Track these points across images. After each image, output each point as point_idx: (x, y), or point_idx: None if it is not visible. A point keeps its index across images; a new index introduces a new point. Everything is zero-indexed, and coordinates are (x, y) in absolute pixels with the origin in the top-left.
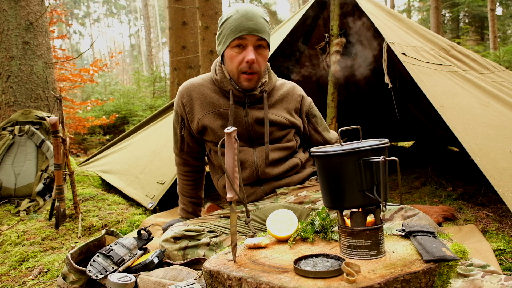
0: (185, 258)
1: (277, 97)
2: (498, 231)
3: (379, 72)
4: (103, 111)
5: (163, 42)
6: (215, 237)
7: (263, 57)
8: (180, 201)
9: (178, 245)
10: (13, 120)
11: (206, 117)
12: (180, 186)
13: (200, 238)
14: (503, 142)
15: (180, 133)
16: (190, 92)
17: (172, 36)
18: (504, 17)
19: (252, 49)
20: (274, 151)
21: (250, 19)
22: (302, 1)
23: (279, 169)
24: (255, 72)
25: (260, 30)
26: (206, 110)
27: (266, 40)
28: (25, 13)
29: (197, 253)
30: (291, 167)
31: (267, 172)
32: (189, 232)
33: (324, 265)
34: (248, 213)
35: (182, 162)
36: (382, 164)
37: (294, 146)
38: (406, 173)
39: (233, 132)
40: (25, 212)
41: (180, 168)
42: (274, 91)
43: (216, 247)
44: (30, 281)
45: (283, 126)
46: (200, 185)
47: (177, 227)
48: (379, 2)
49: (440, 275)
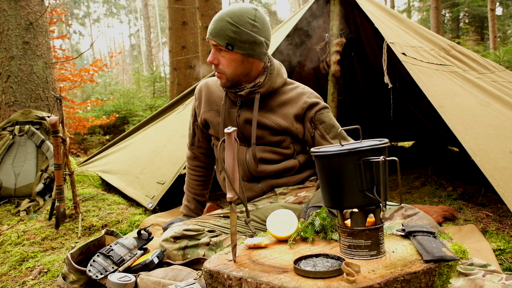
0: (185, 257)
1: (278, 102)
2: (498, 231)
3: (379, 72)
4: (103, 111)
5: (163, 42)
6: (215, 236)
7: (227, 60)
8: (184, 199)
9: (178, 245)
10: (13, 120)
11: (208, 112)
12: (187, 182)
13: (200, 237)
14: (503, 142)
15: (192, 127)
16: (201, 89)
17: (172, 36)
18: (504, 17)
19: (213, 51)
20: (266, 152)
21: (213, 22)
22: (302, 1)
23: (272, 167)
24: (221, 73)
25: (215, 34)
26: (209, 107)
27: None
28: (25, 13)
29: (197, 252)
30: (288, 168)
31: (259, 170)
32: (189, 231)
33: (324, 265)
34: (248, 213)
35: (193, 156)
36: (382, 164)
37: (290, 154)
38: (406, 173)
39: (233, 132)
40: (25, 212)
41: (190, 162)
42: (278, 94)
43: (216, 247)
44: (30, 281)
45: (275, 131)
46: (207, 184)
47: (177, 226)
48: (379, 2)
49: (440, 275)
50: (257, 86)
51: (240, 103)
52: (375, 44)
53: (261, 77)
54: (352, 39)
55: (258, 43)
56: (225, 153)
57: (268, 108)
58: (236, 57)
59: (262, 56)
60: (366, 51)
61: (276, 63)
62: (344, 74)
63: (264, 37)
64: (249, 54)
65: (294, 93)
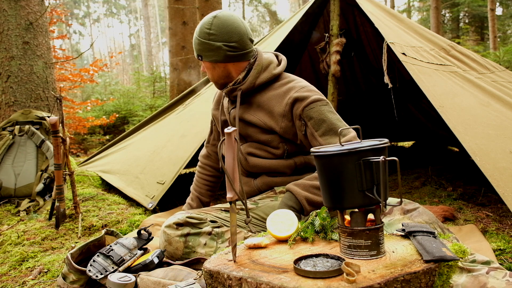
0: (186, 244)
1: (266, 98)
2: (498, 231)
3: (379, 72)
4: (103, 111)
5: (163, 42)
6: (217, 227)
7: (207, 67)
8: (189, 197)
9: (180, 232)
10: (13, 120)
11: (215, 110)
12: (194, 180)
13: (202, 226)
14: (503, 142)
15: (211, 125)
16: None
17: (172, 36)
18: (504, 17)
19: None
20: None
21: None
22: (302, 1)
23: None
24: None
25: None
26: (216, 105)
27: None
28: (25, 13)
29: (198, 240)
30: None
31: (251, 164)
32: (192, 219)
33: (324, 265)
34: (248, 213)
35: (206, 155)
36: (382, 164)
37: (280, 154)
38: (406, 173)
39: (233, 132)
40: (25, 212)
41: (202, 160)
42: (267, 90)
43: (217, 237)
44: (30, 281)
45: (261, 129)
46: (213, 186)
47: (180, 214)
48: (379, 2)
49: (440, 275)
50: (237, 84)
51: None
52: (375, 44)
53: (241, 74)
54: (352, 39)
55: (217, 48)
56: (225, 152)
57: (256, 105)
58: (207, 65)
59: (233, 58)
60: (366, 51)
61: (263, 59)
62: (344, 74)
63: (222, 41)
64: (216, 60)
65: (283, 88)
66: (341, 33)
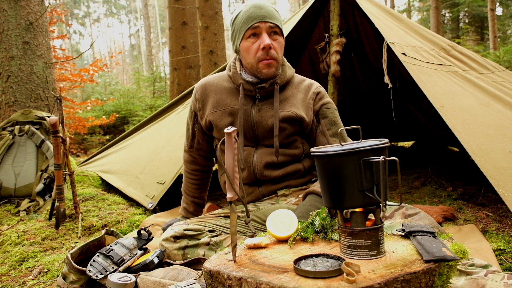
0: (185, 257)
1: (290, 93)
2: (498, 231)
3: (379, 72)
4: (103, 111)
5: (163, 42)
6: (215, 236)
7: (279, 43)
8: (183, 200)
9: (178, 245)
10: (13, 120)
11: (214, 114)
12: (184, 184)
13: (200, 237)
14: (503, 142)
15: (192, 129)
16: (205, 89)
17: (172, 36)
18: (504, 17)
19: (266, 35)
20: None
21: (259, 8)
22: (302, 1)
23: (278, 172)
24: (273, 58)
25: (271, 17)
26: (216, 108)
27: (279, 26)
28: (25, 13)
29: (197, 252)
30: (292, 172)
31: (265, 174)
32: (189, 231)
33: (324, 265)
34: (248, 213)
35: (191, 160)
36: (382, 164)
37: (298, 155)
38: (406, 173)
39: (233, 132)
40: (25, 212)
41: (188, 166)
42: (290, 85)
43: (216, 247)
44: (30, 281)
45: (293, 121)
46: (205, 186)
47: (177, 226)
48: (379, 2)
49: (440, 275)
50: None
51: (260, 97)
52: (375, 44)
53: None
54: (352, 39)
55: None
56: (225, 153)
57: (282, 99)
58: (283, 41)
59: None
60: (366, 51)
61: None
62: (344, 74)
63: None
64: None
65: (303, 84)
66: (341, 33)
